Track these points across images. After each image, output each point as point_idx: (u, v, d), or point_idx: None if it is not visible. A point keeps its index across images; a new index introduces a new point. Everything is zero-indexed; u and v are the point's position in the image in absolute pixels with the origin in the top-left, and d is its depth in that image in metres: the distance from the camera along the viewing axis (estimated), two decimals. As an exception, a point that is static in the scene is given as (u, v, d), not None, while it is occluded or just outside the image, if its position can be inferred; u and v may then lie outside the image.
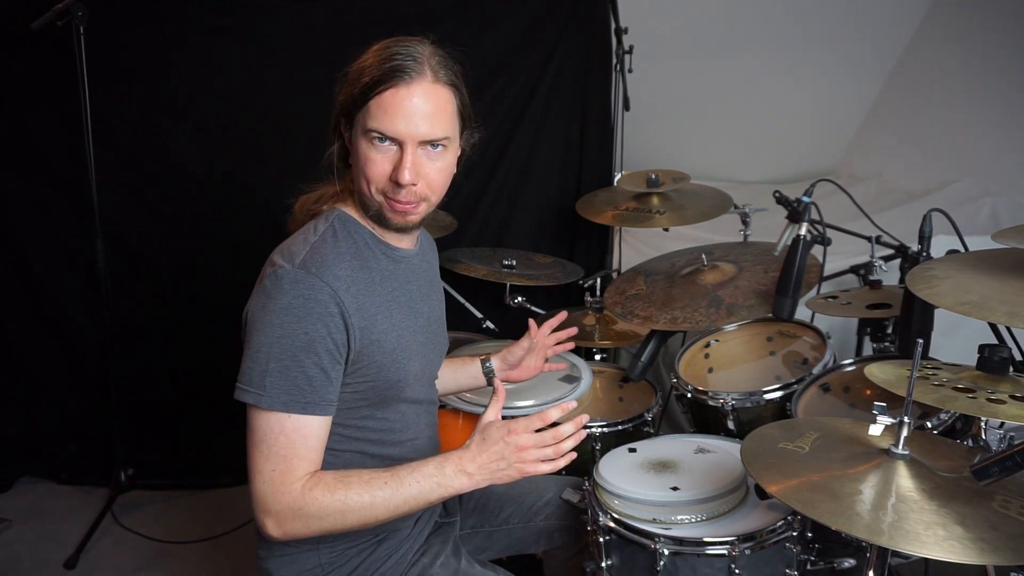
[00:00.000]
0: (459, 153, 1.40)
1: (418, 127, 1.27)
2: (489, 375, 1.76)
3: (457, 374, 1.76)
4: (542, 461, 1.29)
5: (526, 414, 1.92)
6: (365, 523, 1.28)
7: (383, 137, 1.27)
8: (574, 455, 1.32)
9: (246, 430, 1.27)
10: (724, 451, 1.64)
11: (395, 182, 1.28)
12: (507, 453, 1.28)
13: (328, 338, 1.25)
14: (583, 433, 1.34)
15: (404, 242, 1.43)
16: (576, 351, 2.34)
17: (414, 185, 1.29)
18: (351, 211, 1.39)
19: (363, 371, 1.32)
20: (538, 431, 1.31)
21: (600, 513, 1.49)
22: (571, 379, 2.04)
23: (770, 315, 1.90)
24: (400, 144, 1.28)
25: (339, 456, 1.37)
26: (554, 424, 1.32)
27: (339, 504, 1.25)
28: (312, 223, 1.37)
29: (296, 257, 1.28)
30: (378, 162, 1.28)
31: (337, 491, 1.26)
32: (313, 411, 1.26)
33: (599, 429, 1.97)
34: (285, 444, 1.25)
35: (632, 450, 1.68)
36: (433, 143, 1.30)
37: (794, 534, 1.42)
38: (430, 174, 1.31)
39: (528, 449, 1.29)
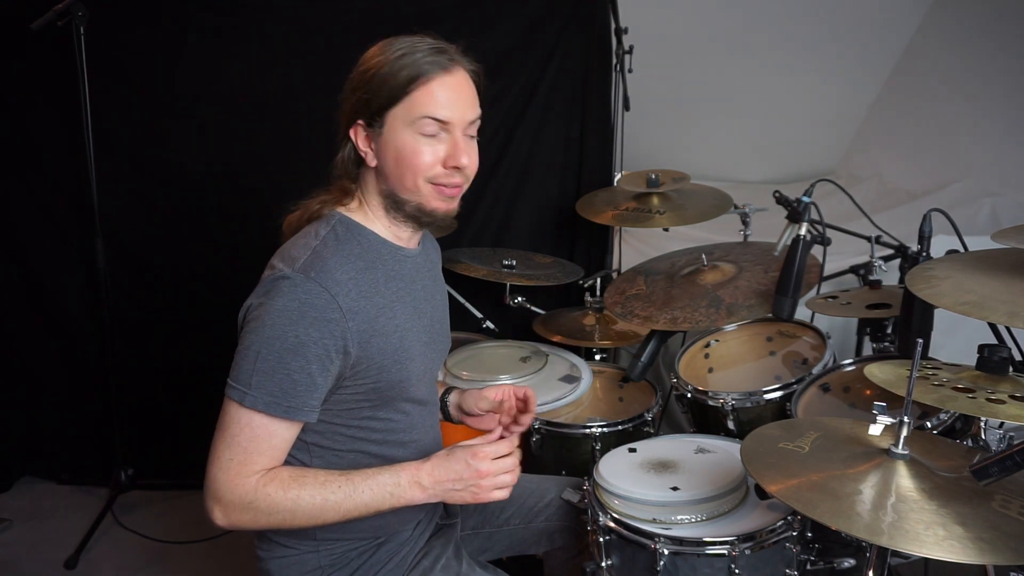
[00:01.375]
0: None
1: (465, 111, 1.32)
2: (444, 409, 1.67)
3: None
4: (497, 489, 1.32)
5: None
6: (312, 524, 1.29)
7: (436, 124, 1.30)
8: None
9: (220, 413, 1.28)
10: (724, 451, 1.64)
11: (452, 167, 1.32)
12: (466, 475, 1.30)
13: (319, 343, 1.24)
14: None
15: (411, 242, 1.44)
16: (576, 351, 2.35)
17: (467, 167, 1.34)
18: (355, 215, 1.39)
19: (364, 372, 1.32)
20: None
21: (600, 513, 1.49)
22: (571, 379, 2.04)
23: (770, 315, 1.90)
24: (448, 130, 1.31)
25: (342, 456, 1.37)
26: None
27: (290, 503, 1.26)
28: (313, 227, 1.36)
29: (297, 261, 1.28)
30: (427, 152, 1.31)
31: (291, 490, 1.26)
32: (292, 415, 1.26)
33: (599, 429, 1.97)
34: (249, 437, 1.26)
35: (632, 450, 1.68)
36: (471, 125, 1.35)
37: (794, 534, 1.42)
38: (474, 156, 1.36)
39: (488, 476, 1.30)
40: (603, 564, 1.49)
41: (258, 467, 1.26)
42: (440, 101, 1.29)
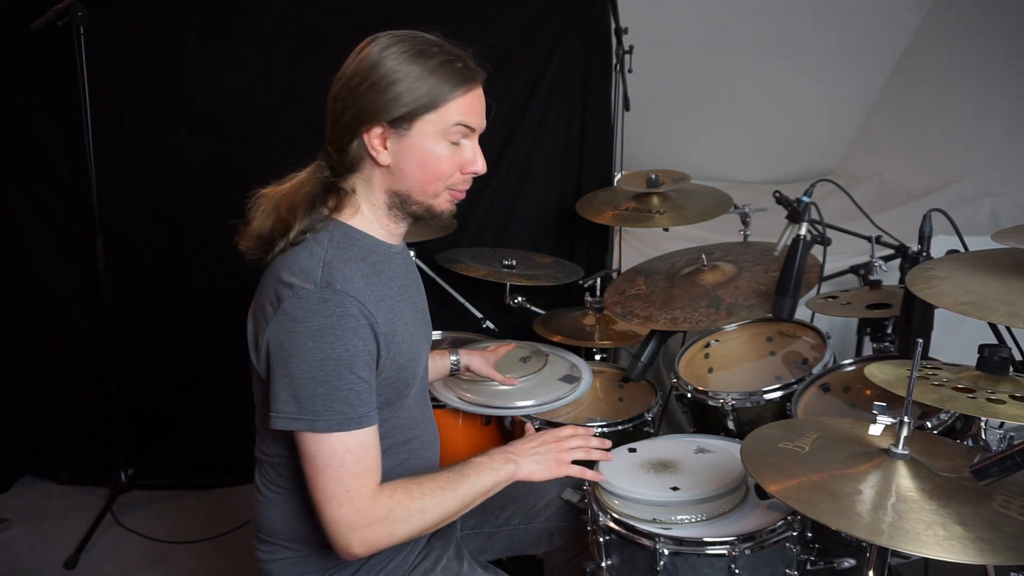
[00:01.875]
0: None
1: (484, 119, 1.38)
2: (455, 366, 1.90)
3: (435, 369, 1.87)
4: (568, 462, 1.44)
5: (526, 413, 1.94)
6: (441, 520, 1.32)
7: (464, 131, 1.33)
8: (608, 453, 1.53)
9: (302, 459, 1.26)
10: (724, 451, 1.64)
11: (471, 173, 1.37)
12: (548, 440, 1.46)
13: (364, 350, 1.26)
14: (607, 443, 1.54)
15: (398, 239, 1.44)
16: (576, 351, 2.35)
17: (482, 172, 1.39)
18: (349, 220, 1.37)
19: (386, 373, 1.33)
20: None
21: (600, 513, 1.49)
22: (571, 379, 2.04)
23: (770, 315, 1.89)
24: (470, 138, 1.36)
25: None
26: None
27: (419, 503, 1.29)
28: (312, 236, 1.33)
29: (313, 274, 1.26)
30: (451, 160, 1.34)
31: (413, 492, 1.29)
32: (367, 423, 1.27)
33: (599, 429, 1.97)
34: (353, 462, 1.25)
35: (632, 450, 1.68)
36: None
37: (794, 534, 1.42)
38: None
39: (566, 441, 1.47)
40: (603, 564, 1.49)
41: (372, 485, 1.27)
42: (473, 111, 1.33)
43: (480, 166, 1.37)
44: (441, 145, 1.32)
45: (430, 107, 1.29)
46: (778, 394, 1.84)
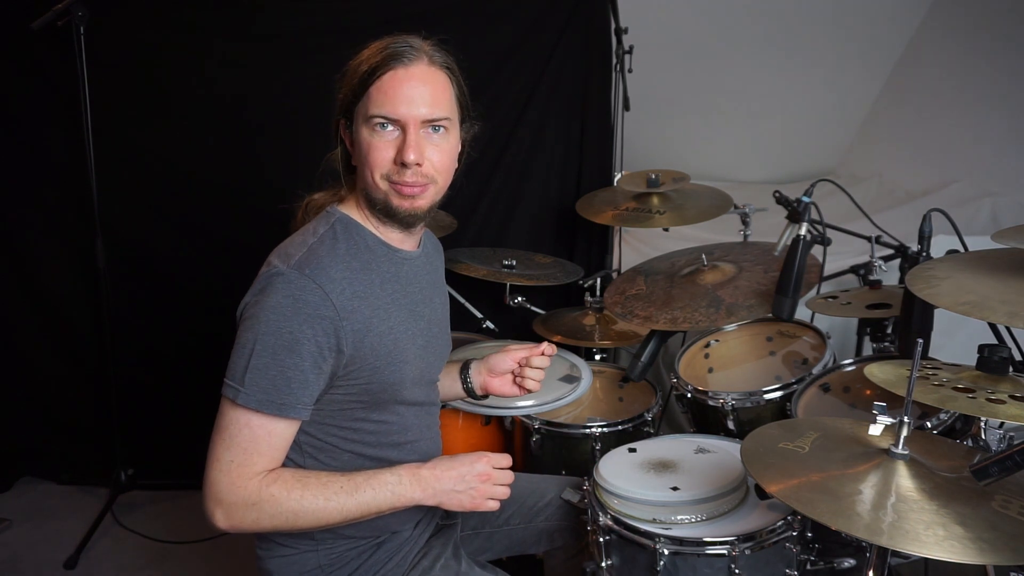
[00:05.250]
0: (460, 145, 1.40)
1: (419, 108, 1.29)
2: (468, 385, 1.67)
3: (451, 384, 1.70)
4: (491, 498, 1.37)
5: (526, 413, 1.94)
6: (315, 525, 1.29)
7: (386, 122, 1.29)
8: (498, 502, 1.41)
9: (217, 415, 1.28)
10: (724, 451, 1.64)
11: (401, 164, 1.29)
12: (469, 477, 1.35)
13: (313, 340, 1.24)
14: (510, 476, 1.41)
15: (407, 244, 1.43)
16: (576, 351, 2.35)
17: (419, 165, 1.30)
18: (353, 213, 1.39)
19: (356, 373, 1.32)
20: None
21: (600, 513, 1.49)
22: (571, 379, 2.04)
23: (770, 315, 1.90)
24: (403, 127, 1.29)
25: (336, 457, 1.37)
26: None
27: (294, 503, 1.26)
28: (311, 224, 1.37)
29: (292, 258, 1.28)
30: (381, 147, 1.30)
31: (294, 490, 1.26)
32: (285, 413, 1.25)
33: (599, 429, 1.97)
34: (249, 438, 1.25)
35: (632, 450, 1.68)
36: (435, 125, 1.32)
37: (794, 534, 1.42)
38: (433, 155, 1.32)
39: (489, 479, 1.36)
40: (603, 564, 1.49)
41: (259, 468, 1.26)
42: (389, 97, 1.28)
43: (409, 156, 1.28)
44: (368, 134, 1.31)
45: (356, 97, 1.31)
46: (778, 394, 1.84)
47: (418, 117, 1.29)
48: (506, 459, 1.40)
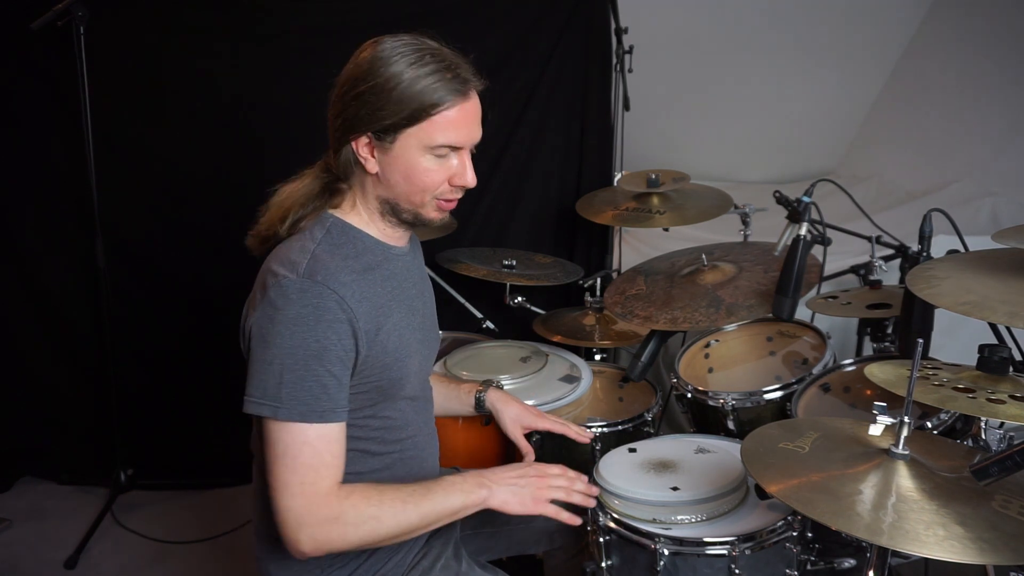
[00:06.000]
0: None
1: (475, 134, 1.35)
2: (480, 403, 1.72)
3: (449, 398, 1.74)
4: (547, 501, 1.39)
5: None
6: (396, 532, 1.29)
7: (450, 151, 1.32)
8: (591, 499, 1.47)
9: (264, 444, 1.26)
10: (724, 451, 1.64)
11: (459, 186, 1.35)
12: (530, 473, 1.41)
13: (338, 344, 1.25)
14: (594, 490, 1.48)
15: (401, 240, 1.44)
16: (576, 351, 2.35)
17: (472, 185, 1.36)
18: (349, 216, 1.38)
19: (368, 372, 1.32)
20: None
21: (600, 513, 1.49)
22: (571, 379, 2.04)
23: (770, 315, 1.89)
24: (458, 152, 1.33)
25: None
26: None
27: (374, 509, 1.26)
28: (308, 230, 1.35)
29: (299, 266, 1.27)
30: (437, 172, 1.33)
31: (372, 497, 1.27)
32: (330, 418, 1.26)
33: (599, 429, 1.97)
34: (311, 454, 1.24)
35: (632, 450, 1.68)
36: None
37: (794, 534, 1.42)
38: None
39: (549, 478, 1.41)
40: (603, 564, 1.49)
41: (329, 481, 1.25)
42: (458, 127, 1.30)
43: (469, 179, 1.34)
44: (426, 159, 1.31)
45: (411, 121, 1.28)
46: (778, 394, 1.84)
47: (474, 142, 1.35)
48: (562, 469, 1.45)
